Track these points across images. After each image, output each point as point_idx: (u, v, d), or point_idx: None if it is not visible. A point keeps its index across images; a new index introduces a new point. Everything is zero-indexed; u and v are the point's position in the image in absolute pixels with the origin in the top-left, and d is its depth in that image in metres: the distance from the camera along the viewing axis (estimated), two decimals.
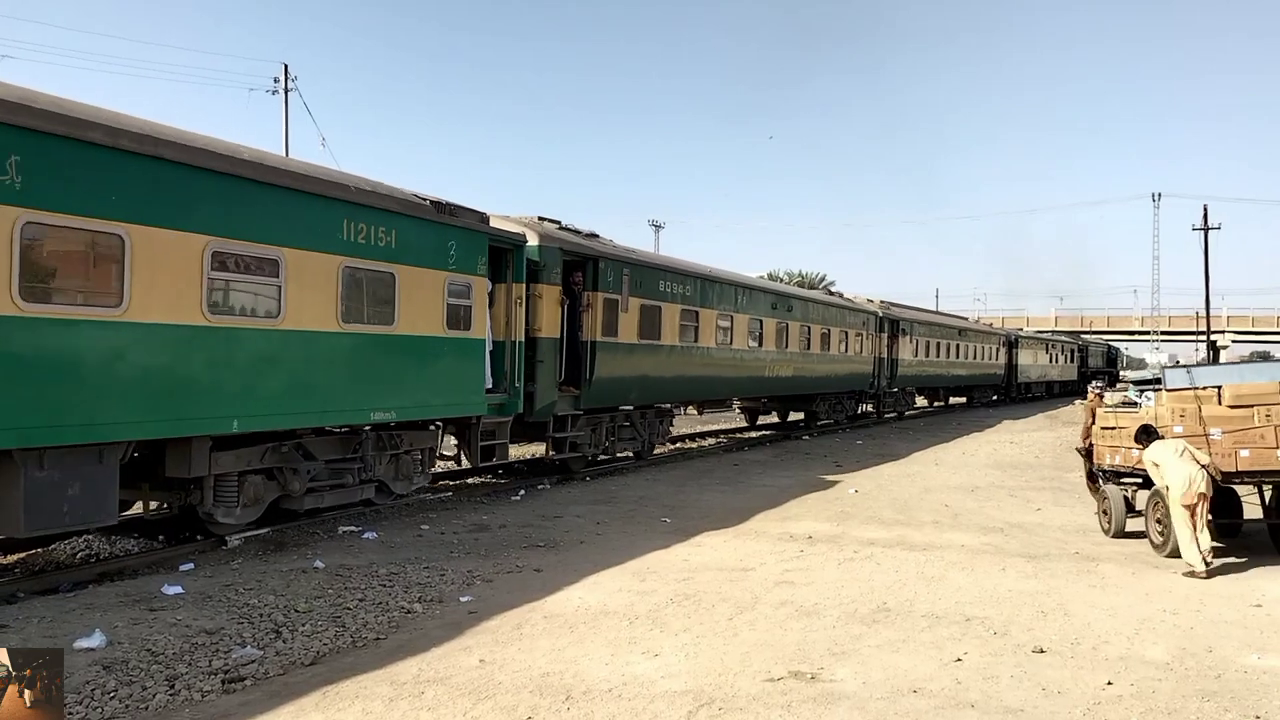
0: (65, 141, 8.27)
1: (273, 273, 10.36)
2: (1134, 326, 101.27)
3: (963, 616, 8.18)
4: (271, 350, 10.41)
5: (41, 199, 8.05)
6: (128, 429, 8.93)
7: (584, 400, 16.85)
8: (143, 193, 8.97)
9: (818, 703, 6.06)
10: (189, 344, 9.46)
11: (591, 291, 16.93)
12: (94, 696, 5.96)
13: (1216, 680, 6.67)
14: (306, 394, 10.90)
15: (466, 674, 6.53)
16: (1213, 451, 10.41)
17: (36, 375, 8.10)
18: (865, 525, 12.68)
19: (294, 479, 11.33)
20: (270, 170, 10.45)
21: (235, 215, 9.92)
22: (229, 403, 9.88)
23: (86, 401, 8.49)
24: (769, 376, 25.26)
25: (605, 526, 12.28)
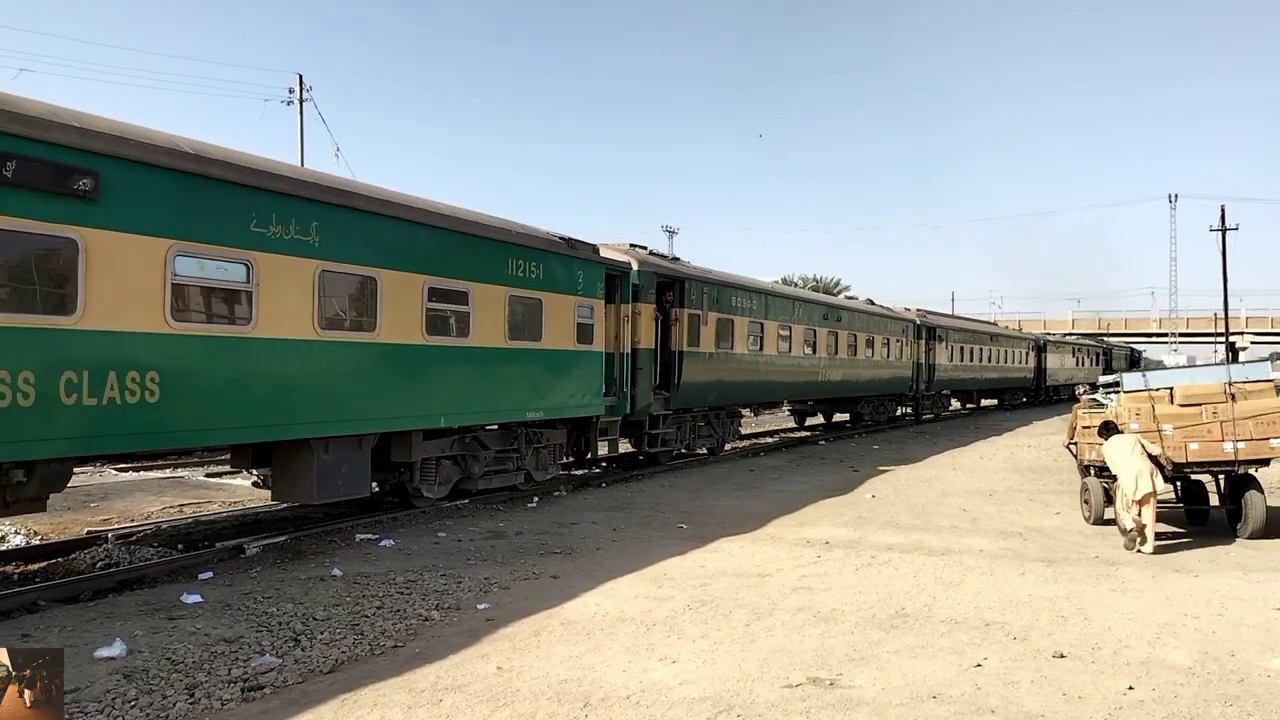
0: (344, 210, 11.20)
1: (464, 302, 13.25)
2: (1152, 329, 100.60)
3: (982, 621, 8.14)
4: (464, 362, 13.28)
5: (330, 253, 10.96)
6: (377, 423, 11.81)
7: (673, 402, 19.52)
8: (388, 245, 11.89)
9: (836, 709, 6.04)
10: (415, 358, 12.33)
11: (679, 308, 19.63)
12: (115, 705, 5.99)
13: (1239, 685, 6.61)
14: (485, 397, 13.77)
15: (484, 681, 6.54)
16: (1165, 445, 11.85)
17: (325, 383, 10.98)
18: (882, 530, 12.64)
19: (473, 464, 14.22)
20: (462, 222, 13.36)
21: (442, 258, 12.86)
22: (437, 403, 12.76)
23: (353, 403, 11.35)
24: (821, 381, 27.87)
25: (622, 533, 12.28)
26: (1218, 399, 11.96)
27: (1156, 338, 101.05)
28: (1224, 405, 11.86)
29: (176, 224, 9.23)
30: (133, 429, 8.85)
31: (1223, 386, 12.06)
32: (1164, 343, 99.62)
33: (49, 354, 8.10)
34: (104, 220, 8.53)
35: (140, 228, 8.87)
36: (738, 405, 23.99)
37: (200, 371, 9.50)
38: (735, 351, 22.22)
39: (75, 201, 8.27)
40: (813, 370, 27.20)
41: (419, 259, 12.39)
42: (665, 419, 19.57)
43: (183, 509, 14.10)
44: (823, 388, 28.45)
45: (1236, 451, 11.78)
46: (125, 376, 8.69)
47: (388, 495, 13.78)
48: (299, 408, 10.62)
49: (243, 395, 9.98)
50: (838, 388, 29.50)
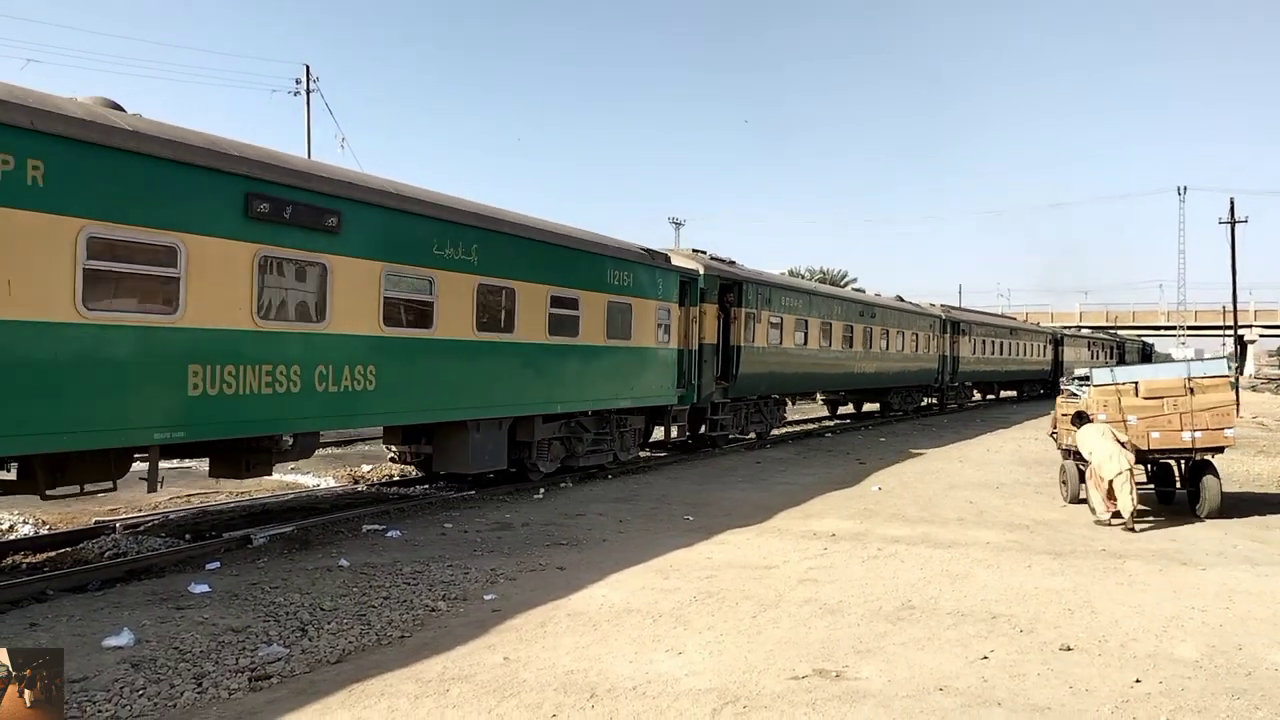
0: (495, 234, 13.73)
1: (575, 307, 15.67)
2: (1160, 321, 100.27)
3: (988, 614, 8.13)
4: (574, 357, 15.66)
5: (485, 269, 13.47)
6: (512, 409, 14.28)
7: (730, 391, 21.91)
8: (523, 261, 14.36)
9: (843, 700, 6.04)
10: (540, 354, 14.81)
11: (737, 308, 21.96)
12: (122, 694, 6.01)
13: (1247, 678, 6.60)
14: (588, 388, 16.15)
15: (491, 672, 6.55)
16: (1129, 434, 13.06)
17: (478, 375, 13.50)
18: (889, 523, 12.63)
19: (577, 444, 16.51)
20: (577, 240, 15.97)
21: (560, 271, 15.32)
22: (554, 393, 15.17)
23: (496, 391, 13.84)
24: (856, 373, 30.43)
25: (628, 525, 12.28)
26: (1177, 393, 13.23)
27: (1164, 331, 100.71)
28: (1183, 398, 13.13)
29: (387, 249, 11.80)
30: (357, 410, 11.44)
31: (1182, 381, 13.32)
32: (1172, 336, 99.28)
33: (310, 352, 10.67)
34: (343, 249, 11.11)
35: (365, 253, 11.45)
36: (785, 394, 26.31)
37: (400, 366, 12.03)
38: (784, 346, 24.78)
39: (326, 235, 10.85)
40: (849, 363, 29.66)
41: (544, 272, 14.88)
42: (724, 406, 21.90)
43: (190, 499, 14.14)
44: (858, 379, 30.79)
45: (1194, 440, 13.11)
46: (355, 370, 11.28)
47: (511, 469, 15.38)
48: (461, 395, 13.18)
49: (425, 384, 12.52)
50: (871, 379, 31.91)
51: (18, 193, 7.79)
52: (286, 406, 10.39)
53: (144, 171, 8.86)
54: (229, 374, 9.73)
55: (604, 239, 17.24)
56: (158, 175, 8.99)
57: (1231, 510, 13.45)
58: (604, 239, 17.24)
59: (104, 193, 8.49)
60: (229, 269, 9.71)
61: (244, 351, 9.88)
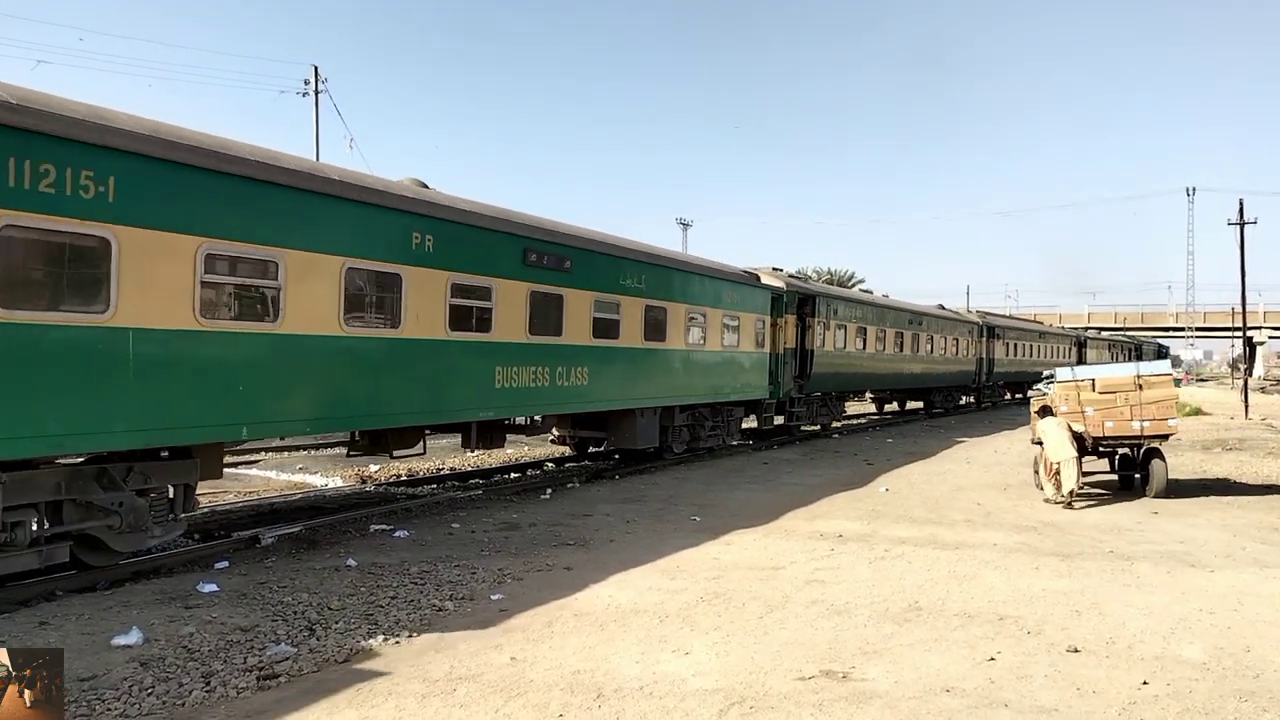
0: (658, 268, 17.97)
1: (703, 321, 19.74)
2: (1169, 323, 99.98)
3: (995, 615, 8.12)
4: (702, 360, 19.78)
5: (652, 294, 17.72)
6: (662, 401, 18.41)
7: (805, 389, 25.93)
8: (677, 286, 18.68)
9: (850, 701, 6.04)
10: (683, 358, 18.93)
11: (810, 317, 25.81)
12: (131, 693, 6.04)
13: (1255, 680, 6.58)
14: (709, 384, 20.14)
15: (498, 671, 6.56)
16: (1086, 422, 14.93)
17: (645, 373, 17.62)
18: (896, 524, 12.62)
19: (700, 430, 20.50)
20: (708, 269, 20.38)
21: (696, 293, 19.50)
22: (688, 388, 19.30)
23: (655, 386, 17.99)
24: (905, 373, 34.22)
25: (635, 525, 12.29)
26: (1128, 388, 15.02)
27: (1173, 332, 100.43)
28: (1133, 393, 14.93)
29: (596, 282, 15.95)
30: (576, 399, 15.59)
31: (1132, 378, 15.11)
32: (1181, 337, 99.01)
33: (554, 357, 14.83)
34: (572, 283, 15.32)
35: (584, 286, 15.64)
36: (846, 391, 30.63)
37: (601, 367, 16.06)
38: (847, 350, 28.72)
39: (564, 274, 15.07)
40: (900, 365, 33.39)
41: (684, 294, 19.00)
42: (799, 400, 26.00)
43: (199, 499, 14.18)
44: (906, 379, 34.61)
45: (1143, 429, 14.94)
46: (577, 370, 15.47)
47: (652, 448, 18.95)
48: (633, 390, 17.30)
49: (614, 381, 16.63)
50: (918, 379, 35.77)
51: (417, 252, 12.16)
52: (541, 395, 14.61)
53: (474, 238, 13.18)
54: (514, 373, 13.96)
55: (720, 266, 21.43)
56: (482, 240, 13.35)
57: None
58: (720, 266, 21.43)
59: (461, 254, 12.84)
60: (515, 300, 13.99)
61: (522, 357, 14.09)
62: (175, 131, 9.34)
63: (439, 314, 12.43)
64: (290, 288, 10.21)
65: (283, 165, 10.36)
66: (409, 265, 11.93)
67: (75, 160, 8.11)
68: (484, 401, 13.36)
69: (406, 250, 11.96)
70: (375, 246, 11.46)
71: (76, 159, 8.12)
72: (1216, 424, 31.75)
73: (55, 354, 8.04)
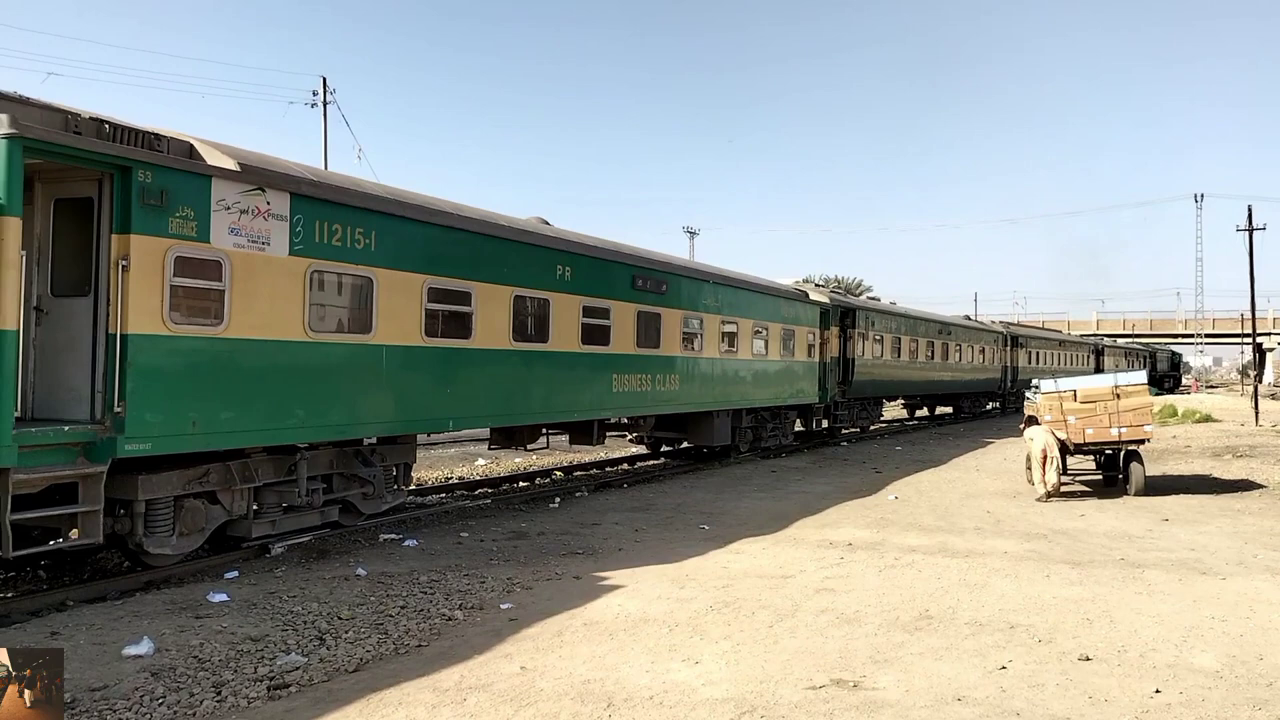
0: (730, 287, 20.92)
1: (765, 333, 22.42)
2: (1177, 330, 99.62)
3: (1006, 624, 8.09)
4: (764, 369, 22.42)
5: (726, 311, 20.52)
6: (735, 403, 21.03)
7: (847, 393, 28.19)
8: (744, 304, 21.39)
9: (860, 711, 6.02)
10: (747, 366, 21.51)
11: (852, 329, 28.24)
12: (142, 703, 6.05)
13: (1268, 688, 6.55)
14: (769, 389, 22.76)
15: (508, 681, 6.56)
16: (1068, 429, 16.07)
17: (720, 381, 20.17)
18: (905, 532, 12.58)
19: (763, 430, 23.10)
20: (771, 288, 23.42)
21: (760, 310, 22.26)
22: (754, 393, 21.93)
23: (730, 391, 20.64)
24: (936, 380, 36.72)
25: (644, 534, 12.28)
26: (1107, 398, 16.15)
27: (1182, 339, 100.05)
28: (1112, 402, 16.07)
29: (686, 303, 18.84)
30: (668, 402, 18.31)
31: (1111, 388, 16.27)
32: (1190, 343, 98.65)
33: (653, 367, 17.55)
34: (668, 304, 18.10)
35: (678, 306, 18.48)
36: (883, 397, 33.29)
37: (688, 374, 18.89)
38: (884, 359, 30.90)
39: (661, 296, 17.83)
40: (932, 372, 35.76)
41: (753, 312, 21.79)
42: (842, 405, 28.26)
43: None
44: (937, 385, 37.11)
45: (1120, 434, 16.10)
46: (669, 377, 18.18)
47: (720, 446, 21.27)
48: (711, 394, 19.88)
49: (698, 386, 19.32)
50: (948, 386, 38.22)
51: (559, 281, 14.83)
52: (644, 399, 17.39)
53: (598, 268, 15.94)
54: (626, 379, 16.63)
55: (778, 286, 24.54)
56: (603, 269, 16.14)
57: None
58: (778, 286, 24.54)
59: (589, 281, 15.57)
60: (627, 318, 16.70)
61: (632, 366, 16.81)
62: (404, 193, 12.39)
63: (575, 331, 15.22)
64: (479, 311, 12.99)
65: (471, 216, 13.25)
66: (555, 292, 14.68)
67: (353, 221, 11.00)
68: (605, 404, 16.23)
69: (553, 280, 14.67)
70: (533, 278, 14.20)
71: (353, 220, 11.01)
72: (1227, 430, 31.60)
73: (339, 366, 10.87)
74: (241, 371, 9.77)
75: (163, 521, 9.40)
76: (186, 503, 9.68)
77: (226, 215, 9.55)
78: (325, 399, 10.67)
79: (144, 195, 8.74)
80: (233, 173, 9.63)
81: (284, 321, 10.19)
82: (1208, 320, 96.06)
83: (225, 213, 9.54)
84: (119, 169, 8.63)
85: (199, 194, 9.31)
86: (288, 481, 10.74)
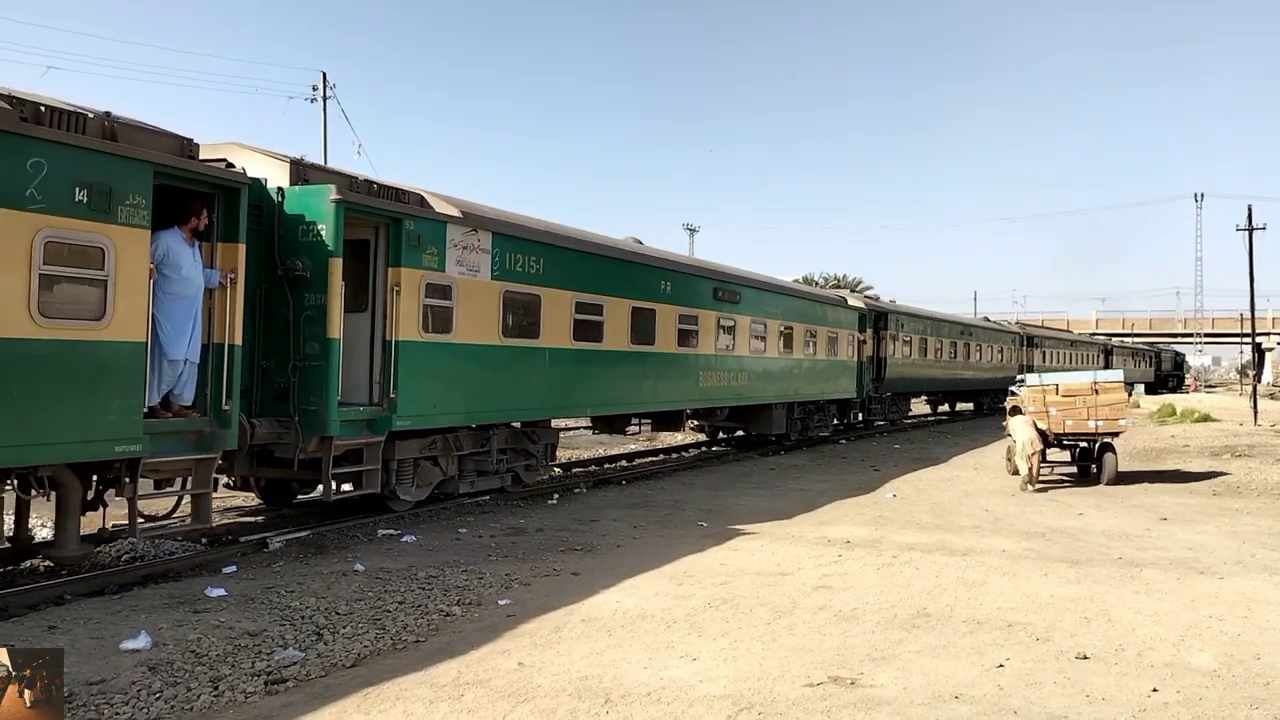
0: (787, 296, 24.06)
1: (815, 336, 25.03)
2: (1177, 329, 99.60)
3: (1004, 622, 8.09)
4: (811, 366, 25.07)
5: (784, 317, 23.40)
6: (789, 397, 23.55)
7: (881, 389, 30.80)
8: (798, 310, 24.20)
9: (858, 708, 6.02)
10: (798, 365, 24.16)
11: (884, 331, 30.90)
12: (140, 697, 6.04)
13: (1265, 688, 6.55)
14: (815, 385, 25.30)
15: (505, 677, 6.56)
16: (1050, 421, 17.40)
17: (777, 376, 22.88)
18: (904, 530, 12.59)
19: (810, 420, 25.61)
20: (821, 296, 28.23)
21: (809, 316, 24.80)
22: (804, 388, 24.58)
23: (785, 386, 23.20)
24: (958, 378, 39.53)
25: (642, 530, 12.28)
26: (1086, 392, 17.52)
27: (1181, 338, 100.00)
28: (1090, 396, 17.42)
29: (753, 310, 21.61)
30: (746, 395, 21.41)
31: (1089, 384, 17.78)
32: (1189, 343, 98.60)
33: (727, 363, 20.39)
34: (741, 312, 21.12)
35: (748, 313, 21.34)
36: (911, 393, 36.20)
37: (755, 371, 21.72)
38: (913, 358, 33.68)
39: (735, 305, 20.74)
40: (954, 371, 38.47)
41: (805, 317, 24.43)
42: (875, 400, 30.66)
43: None
44: (958, 383, 39.97)
45: (1097, 427, 17.44)
46: (742, 375, 21.11)
47: (773, 436, 24.06)
48: (772, 388, 22.66)
49: (763, 381, 22.17)
50: (969, 383, 40.98)
51: (662, 294, 17.99)
52: (722, 393, 20.44)
53: (689, 282, 19.17)
54: (709, 376, 19.60)
55: (825, 293, 29.94)
56: (693, 283, 19.31)
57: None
58: (825, 293, 29.94)
59: (684, 294, 18.72)
60: (710, 325, 19.67)
61: (713, 365, 19.76)
62: (558, 227, 15.67)
63: (674, 335, 18.26)
64: (608, 320, 16.02)
65: (603, 243, 16.88)
66: (659, 303, 17.75)
67: (529, 251, 14.19)
68: (692, 396, 19.31)
69: (658, 293, 17.77)
70: (644, 292, 17.34)
71: (530, 250, 14.19)
72: (1225, 430, 31.62)
73: (518, 363, 13.98)
74: (461, 368, 12.92)
75: (407, 476, 12.60)
76: (421, 464, 12.86)
77: (455, 250, 12.62)
78: (509, 389, 13.87)
79: (409, 239, 11.79)
80: (458, 218, 12.74)
81: (487, 330, 13.36)
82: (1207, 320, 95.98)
83: (454, 249, 12.61)
84: (393, 220, 11.71)
85: (439, 236, 12.38)
86: (481, 452, 13.90)
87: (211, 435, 9.71)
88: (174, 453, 9.42)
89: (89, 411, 8.36)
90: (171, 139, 9.18)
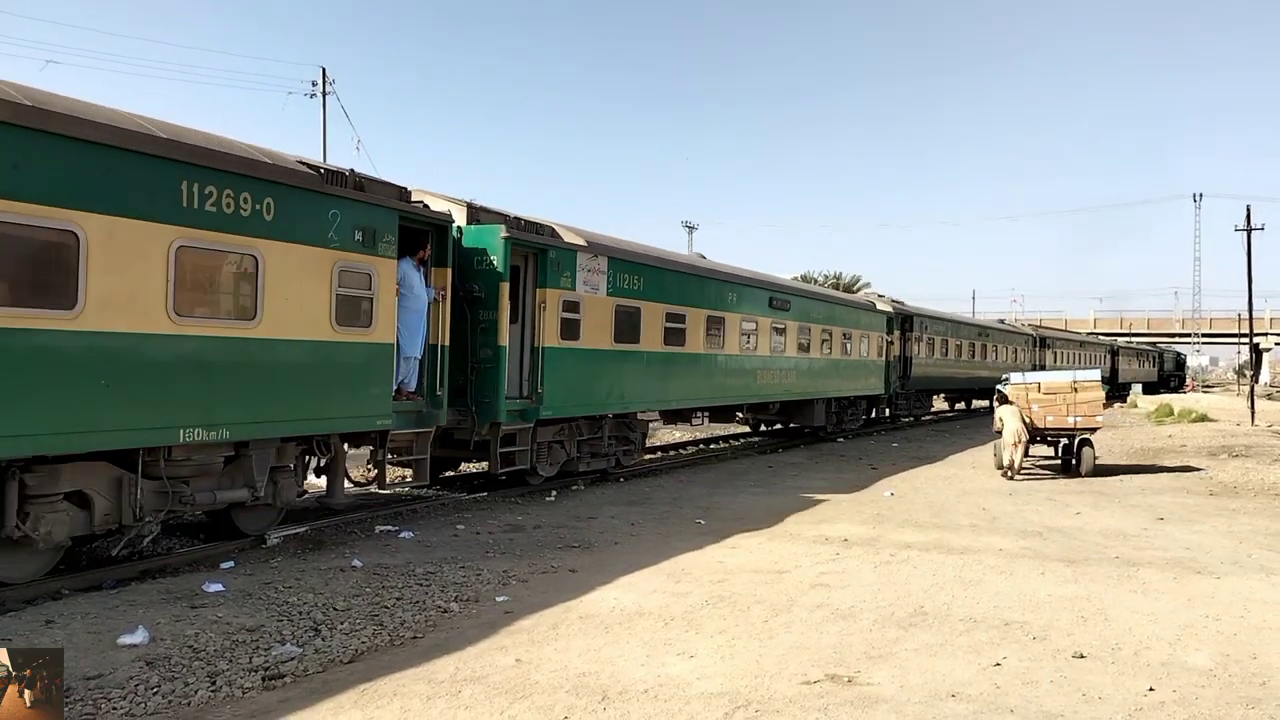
0: (823, 301, 26.80)
1: (850, 337, 27.23)
2: (1175, 329, 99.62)
3: (1001, 621, 8.10)
4: (844, 365, 26.98)
5: (825, 321, 25.77)
6: (828, 394, 25.85)
7: (907, 386, 33.12)
8: (832, 313, 26.47)
9: (855, 706, 6.03)
10: (836, 364, 26.27)
11: (909, 332, 33.01)
12: (137, 692, 6.05)
13: (1261, 687, 6.56)
14: (847, 382, 27.26)
15: (503, 673, 6.57)
16: (1032, 416, 18.55)
17: (820, 373, 25.43)
18: (901, 528, 12.60)
19: (844, 414, 27.98)
20: (853, 301, 30.51)
21: (844, 320, 27.25)
22: (840, 386, 26.68)
23: (826, 382, 25.83)
24: (976, 376, 40.98)
25: (639, 528, 12.29)
26: (1066, 390, 18.70)
27: (1179, 338, 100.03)
28: (1070, 394, 18.59)
29: (801, 315, 23.96)
30: (798, 391, 23.88)
31: (1070, 383, 18.92)
32: (1187, 343, 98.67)
33: (776, 363, 22.68)
34: (790, 318, 23.35)
35: (795, 319, 23.73)
36: (932, 391, 38.32)
37: (803, 370, 24.01)
38: (935, 358, 35.87)
39: (785, 311, 22.95)
40: (972, 370, 40.44)
41: (843, 321, 26.80)
42: (901, 396, 33.15)
43: None
44: (977, 381, 41.25)
45: (1076, 423, 18.61)
46: (792, 374, 23.53)
47: (807, 429, 26.50)
48: (816, 385, 24.84)
49: (811, 379, 24.54)
50: (987, 382, 40.67)
51: (728, 303, 20.33)
52: (774, 389, 22.70)
53: (750, 293, 21.45)
54: (764, 374, 21.93)
55: (858, 299, 31.79)
56: (752, 293, 21.54)
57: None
58: (858, 299, 31.79)
59: (746, 302, 20.95)
60: (765, 330, 21.96)
61: (769, 364, 22.03)
62: (647, 248, 18.18)
63: (738, 339, 20.67)
64: (689, 328, 18.54)
65: (685, 261, 20.38)
66: (727, 311, 20.12)
67: (633, 271, 16.66)
68: (751, 392, 21.62)
69: (725, 303, 20.12)
70: (716, 302, 19.75)
71: (633, 270, 16.72)
72: (1222, 430, 31.66)
73: (624, 364, 16.49)
74: (586, 368, 15.40)
75: (544, 456, 15.10)
76: (552, 446, 15.30)
77: (582, 273, 15.16)
78: (617, 385, 16.37)
79: (552, 265, 14.40)
80: (585, 247, 15.32)
81: (603, 337, 15.90)
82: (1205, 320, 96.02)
83: (582, 271, 15.15)
84: (540, 250, 14.32)
85: (571, 262, 14.95)
86: (595, 438, 16.35)
87: (428, 414, 12.38)
88: (405, 427, 11.99)
89: (362, 393, 11.01)
90: (395, 188, 11.79)
